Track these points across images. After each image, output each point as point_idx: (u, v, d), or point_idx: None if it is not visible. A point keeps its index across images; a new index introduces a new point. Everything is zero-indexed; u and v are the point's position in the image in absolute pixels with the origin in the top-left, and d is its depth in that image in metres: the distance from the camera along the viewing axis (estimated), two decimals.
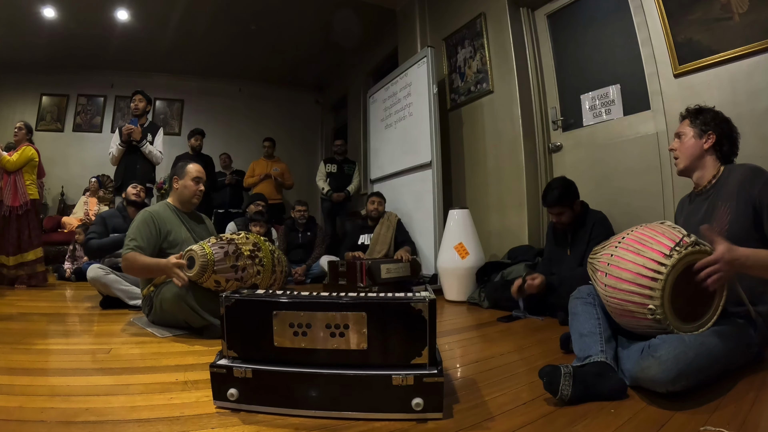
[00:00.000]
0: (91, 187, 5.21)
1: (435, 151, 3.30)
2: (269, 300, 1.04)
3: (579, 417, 0.99)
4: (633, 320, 1.18)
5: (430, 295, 1.03)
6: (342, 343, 1.01)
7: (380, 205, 3.60)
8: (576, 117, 2.92)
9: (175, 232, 2.03)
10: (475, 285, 2.78)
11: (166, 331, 1.87)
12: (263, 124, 6.64)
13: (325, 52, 5.83)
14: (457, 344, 1.77)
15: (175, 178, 2.15)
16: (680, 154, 1.50)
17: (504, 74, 3.16)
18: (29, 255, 3.37)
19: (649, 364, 1.05)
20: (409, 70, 3.69)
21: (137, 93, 3.62)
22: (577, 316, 1.33)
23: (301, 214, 4.23)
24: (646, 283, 1.12)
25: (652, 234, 1.18)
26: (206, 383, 1.08)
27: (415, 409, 0.95)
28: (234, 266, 1.77)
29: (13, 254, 3.34)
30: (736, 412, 0.97)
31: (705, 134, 1.44)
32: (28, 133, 3.49)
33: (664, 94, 2.35)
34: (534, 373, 1.14)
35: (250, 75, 6.57)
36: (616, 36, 2.65)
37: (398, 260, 3.13)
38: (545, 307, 2.19)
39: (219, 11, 4.72)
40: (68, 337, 1.90)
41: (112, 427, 0.94)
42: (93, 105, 6.12)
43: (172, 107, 6.48)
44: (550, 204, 2.22)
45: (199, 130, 4.69)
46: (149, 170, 3.59)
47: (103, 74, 6.01)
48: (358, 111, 5.62)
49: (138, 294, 2.43)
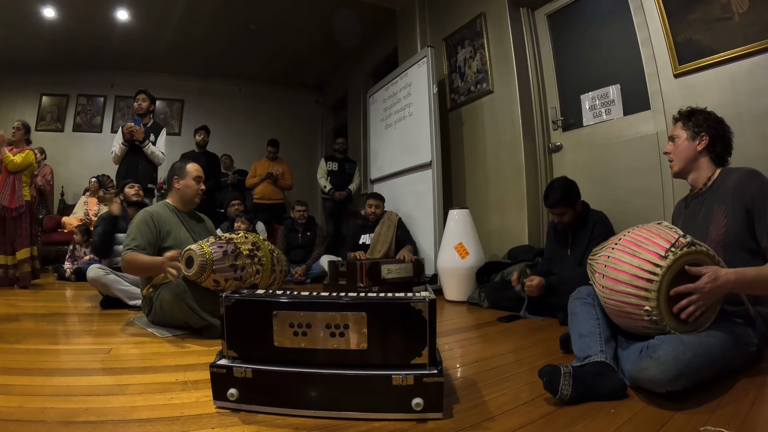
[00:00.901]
0: (91, 187, 5.21)
1: (435, 151, 3.30)
2: (269, 300, 1.04)
3: (579, 417, 0.99)
4: (630, 321, 1.18)
5: (430, 295, 1.03)
6: (342, 343, 1.01)
7: (378, 208, 3.57)
8: (576, 117, 2.92)
9: (174, 232, 2.03)
10: (475, 285, 2.78)
11: (166, 331, 1.87)
12: (263, 124, 6.65)
13: (325, 52, 5.83)
14: (457, 344, 1.77)
15: (176, 179, 2.15)
16: (674, 157, 1.50)
17: (504, 74, 3.16)
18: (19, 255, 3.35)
19: (648, 365, 1.05)
20: (409, 70, 3.69)
21: (141, 92, 3.59)
22: (577, 316, 1.33)
23: (300, 214, 4.24)
24: (642, 285, 1.12)
25: (649, 235, 1.18)
26: (206, 383, 1.08)
27: (415, 409, 0.95)
28: (233, 266, 1.77)
29: (10, 254, 3.33)
30: (736, 412, 0.97)
31: (698, 136, 1.44)
32: (27, 133, 3.45)
33: (664, 94, 2.35)
34: (534, 373, 1.14)
35: (250, 75, 6.57)
36: (616, 36, 2.65)
37: (401, 261, 3.13)
38: (545, 308, 2.19)
39: (219, 11, 4.72)
40: (68, 337, 1.90)
41: (112, 427, 0.94)
42: (93, 105, 6.12)
43: (172, 107, 6.48)
44: (552, 205, 2.22)
45: (204, 126, 4.75)
46: (151, 171, 3.58)
47: (103, 74, 6.00)
48: (358, 111, 5.62)
49: (138, 294, 2.43)
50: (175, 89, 6.40)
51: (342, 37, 5.20)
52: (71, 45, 5.26)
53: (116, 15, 4.72)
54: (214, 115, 6.41)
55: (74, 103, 6.03)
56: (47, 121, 5.90)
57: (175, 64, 6.02)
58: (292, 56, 5.93)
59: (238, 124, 6.67)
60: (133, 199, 3.10)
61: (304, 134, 7.14)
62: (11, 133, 3.42)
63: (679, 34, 2.23)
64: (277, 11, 4.74)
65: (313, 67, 6.32)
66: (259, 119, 6.78)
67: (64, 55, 5.52)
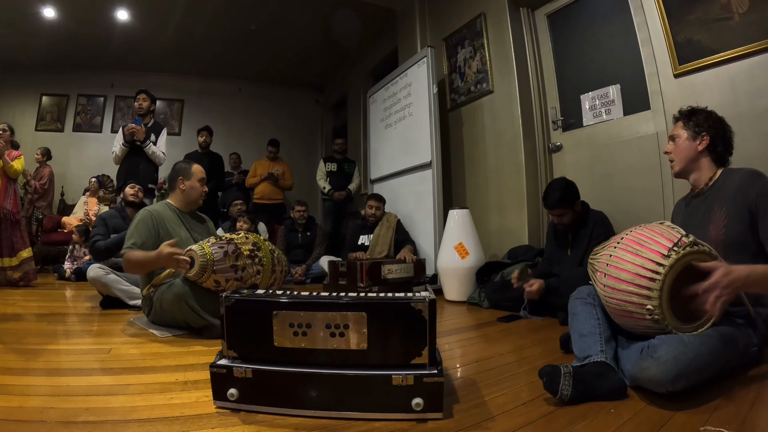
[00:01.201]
0: (92, 187, 5.21)
1: (435, 151, 3.30)
2: (269, 300, 1.04)
3: (579, 417, 0.99)
4: (632, 320, 1.18)
5: (430, 295, 1.03)
6: (342, 343, 1.01)
7: (378, 209, 3.57)
8: (576, 117, 2.92)
9: (175, 232, 2.03)
10: (475, 285, 2.78)
11: (166, 331, 1.86)
12: (263, 124, 6.65)
13: (325, 52, 5.83)
14: (457, 344, 1.77)
15: (181, 179, 2.14)
16: (675, 157, 1.50)
17: (504, 74, 3.16)
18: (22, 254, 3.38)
19: (649, 365, 1.05)
20: (409, 70, 3.68)
21: (141, 92, 3.57)
22: (577, 316, 1.33)
23: (300, 214, 4.24)
24: (645, 284, 1.12)
25: (651, 234, 1.18)
26: (206, 383, 1.08)
27: (415, 409, 0.95)
28: (233, 266, 1.77)
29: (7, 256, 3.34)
30: (736, 412, 0.97)
31: (699, 136, 1.44)
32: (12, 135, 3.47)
33: (664, 94, 2.35)
34: (534, 373, 1.14)
35: (250, 75, 6.58)
36: (616, 36, 2.65)
37: (401, 261, 3.13)
38: (546, 308, 2.19)
39: (219, 11, 4.72)
40: (68, 337, 1.90)
41: (112, 427, 0.94)
42: (93, 105, 6.13)
43: (172, 107, 6.49)
44: (551, 206, 2.22)
45: (207, 127, 4.74)
46: (152, 171, 3.57)
47: (103, 74, 6.01)
48: (358, 111, 5.62)
49: (138, 294, 2.43)
50: (175, 89, 6.41)
51: (342, 37, 5.20)
52: (71, 45, 5.26)
53: (116, 15, 4.72)
54: (215, 115, 6.41)
55: (74, 103, 6.04)
56: (47, 121, 5.91)
57: (175, 64, 6.03)
58: (292, 56, 5.93)
59: (238, 124, 6.67)
60: (130, 199, 3.09)
61: (304, 134, 7.14)
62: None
63: (679, 34, 2.23)
64: (277, 11, 4.74)
65: (313, 67, 6.32)
66: (259, 119, 6.78)
67: (64, 55, 5.52)
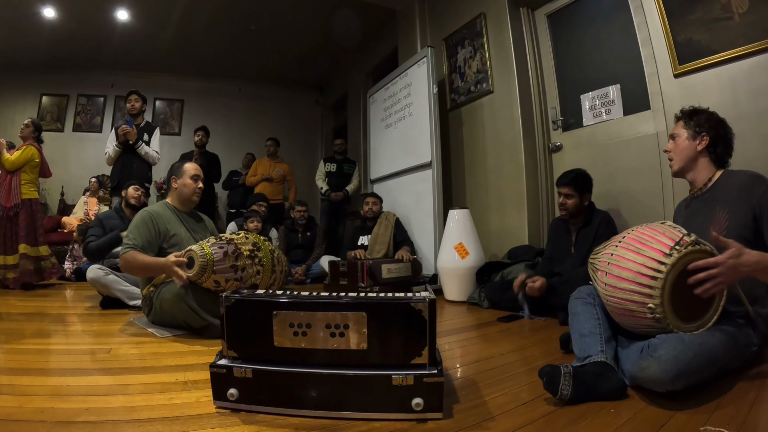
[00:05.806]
0: (91, 187, 5.21)
1: (435, 151, 3.30)
2: (269, 300, 1.04)
3: (579, 417, 0.99)
4: (633, 319, 1.18)
5: (430, 295, 1.03)
6: (342, 343, 1.01)
7: (375, 205, 3.60)
8: (576, 117, 2.92)
9: (174, 231, 2.04)
10: (475, 285, 2.78)
11: (166, 331, 1.87)
12: (263, 124, 6.65)
13: (325, 52, 5.83)
14: (457, 344, 1.77)
15: (174, 178, 2.17)
16: (674, 155, 1.50)
17: (504, 74, 3.16)
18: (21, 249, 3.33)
19: (649, 364, 1.05)
20: (409, 70, 3.68)
21: (132, 93, 3.60)
22: (577, 316, 1.33)
23: (300, 214, 4.24)
24: (646, 282, 1.12)
25: (653, 233, 1.18)
26: (206, 383, 1.08)
27: (415, 409, 0.95)
28: (233, 266, 1.77)
29: (10, 254, 3.32)
30: (736, 412, 0.97)
31: (699, 136, 1.44)
32: (36, 131, 3.46)
33: (664, 94, 2.35)
34: (534, 373, 1.14)
35: (250, 75, 6.57)
36: (616, 36, 2.65)
37: (399, 260, 3.14)
38: (546, 307, 2.19)
39: (219, 11, 4.72)
40: (68, 337, 1.90)
41: (112, 427, 0.94)
42: (93, 105, 6.12)
43: (172, 107, 6.48)
44: (562, 182, 2.27)
45: (203, 126, 4.76)
46: (146, 170, 3.57)
47: (103, 74, 6.00)
48: (358, 111, 5.62)
49: (138, 294, 2.43)
50: (175, 89, 6.41)
51: (342, 37, 5.20)
52: (71, 45, 5.26)
53: (116, 15, 4.72)
54: (214, 115, 6.41)
55: (74, 103, 6.03)
56: (47, 121, 5.89)
57: (175, 64, 6.02)
58: (292, 56, 5.93)
59: (238, 124, 6.67)
60: (132, 202, 3.10)
61: (304, 134, 7.14)
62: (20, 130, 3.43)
63: (679, 34, 2.23)
64: (277, 11, 4.74)
65: (313, 67, 6.32)
66: (259, 119, 6.78)
67: (64, 55, 5.52)
